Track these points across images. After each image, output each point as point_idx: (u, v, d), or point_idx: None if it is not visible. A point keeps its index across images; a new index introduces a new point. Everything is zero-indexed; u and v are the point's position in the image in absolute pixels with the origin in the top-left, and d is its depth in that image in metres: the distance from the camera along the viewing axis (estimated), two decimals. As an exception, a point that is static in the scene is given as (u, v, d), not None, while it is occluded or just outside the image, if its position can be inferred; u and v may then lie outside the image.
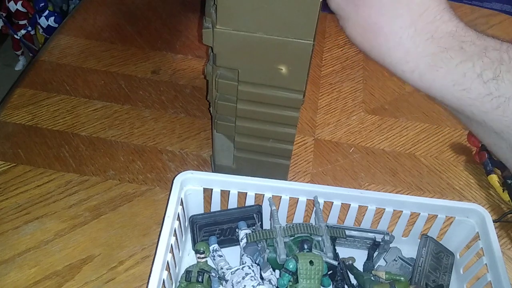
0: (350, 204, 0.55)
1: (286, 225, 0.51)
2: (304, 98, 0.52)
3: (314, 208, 0.53)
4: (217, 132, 0.58)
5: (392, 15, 0.37)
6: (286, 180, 0.62)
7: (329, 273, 0.51)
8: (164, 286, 0.47)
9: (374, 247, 0.56)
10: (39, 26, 1.59)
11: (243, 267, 0.50)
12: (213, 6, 0.47)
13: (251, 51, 0.48)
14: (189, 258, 0.56)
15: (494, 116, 0.36)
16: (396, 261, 0.55)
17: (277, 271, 0.51)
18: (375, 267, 0.55)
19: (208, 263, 0.53)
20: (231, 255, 0.54)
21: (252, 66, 0.49)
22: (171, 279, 0.49)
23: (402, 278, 0.51)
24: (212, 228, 0.55)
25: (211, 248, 0.54)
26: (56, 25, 1.52)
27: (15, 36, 1.62)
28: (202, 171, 0.59)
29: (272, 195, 0.55)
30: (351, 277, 0.53)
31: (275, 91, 0.51)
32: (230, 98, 0.53)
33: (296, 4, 0.44)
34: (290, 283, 0.47)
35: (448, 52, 0.35)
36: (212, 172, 0.65)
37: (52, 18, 1.55)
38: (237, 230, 0.55)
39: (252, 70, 0.50)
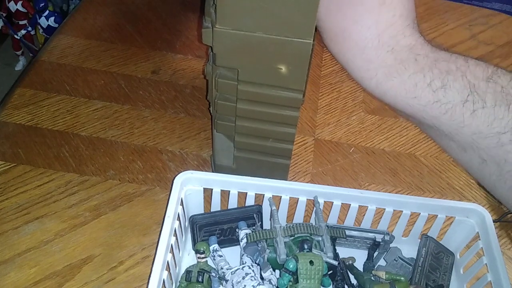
0: (350, 204, 0.55)
1: (286, 225, 0.51)
2: (304, 98, 0.52)
3: (314, 208, 0.53)
4: (217, 132, 0.58)
5: (361, 25, 0.40)
6: (286, 180, 0.62)
7: (329, 273, 0.51)
8: (164, 286, 0.47)
9: (374, 247, 0.56)
10: (39, 26, 1.59)
11: (243, 267, 0.50)
12: (213, 6, 0.47)
13: (251, 50, 0.48)
14: (189, 258, 0.56)
15: (443, 120, 0.40)
16: (396, 261, 0.55)
17: (277, 271, 0.51)
18: (375, 267, 0.55)
19: (208, 263, 0.53)
20: (231, 255, 0.54)
21: (251, 65, 0.49)
22: (171, 279, 0.49)
23: (402, 278, 0.51)
24: (212, 228, 0.55)
25: (211, 248, 0.54)
26: (56, 25, 1.52)
27: (15, 36, 1.62)
28: (202, 171, 0.59)
29: (272, 195, 0.55)
30: (351, 277, 0.53)
31: (275, 90, 0.51)
32: (230, 98, 0.53)
33: (296, 3, 0.44)
34: (290, 283, 0.47)
35: (403, 63, 0.39)
36: (212, 172, 0.65)
37: (52, 18, 1.55)
38: (237, 230, 0.55)
39: (252, 70, 0.50)
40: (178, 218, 0.52)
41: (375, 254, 0.56)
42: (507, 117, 0.38)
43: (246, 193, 0.55)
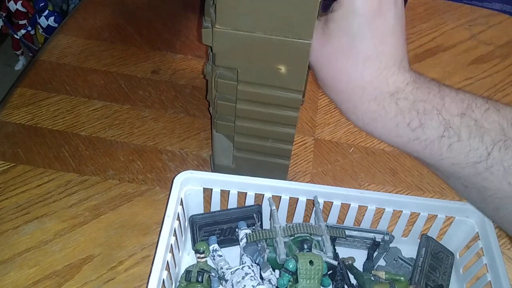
0: (350, 204, 0.55)
1: (286, 225, 0.51)
2: (304, 98, 0.52)
3: (314, 208, 0.53)
4: (217, 132, 0.58)
5: (348, 77, 0.45)
6: (285, 180, 0.62)
7: (329, 273, 0.51)
8: (164, 286, 0.47)
9: (374, 247, 0.56)
10: (39, 26, 1.59)
11: (243, 267, 0.50)
12: (212, 6, 0.47)
13: (251, 50, 0.48)
14: (189, 258, 0.56)
15: (424, 154, 0.44)
16: (396, 261, 0.55)
17: (277, 271, 0.51)
18: (375, 267, 0.55)
19: (208, 263, 0.53)
20: (231, 255, 0.54)
21: (251, 65, 0.49)
22: (171, 279, 0.49)
23: (402, 278, 0.51)
24: (212, 228, 0.55)
25: (211, 248, 0.54)
26: (56, 25, 1.52)
27: (15, 36, 1.62)
28: (202, 171, 0.59)
29: (272, 195, 0.55)
30: (351, 277, 0.53)
31: (275, 91, 0.51)
32: (230, 98, 0.53)
33: (295, 3, 0.44)
34: (290, 283, 0.47)
35: (385, 108, 0.44)
36: (212, 172, 0.65)
37: (52, 18, 1.55)
38: (237, 230, 0.55)
39: (252, 70, 0.50)
40: (178, 218, 0.52)
41: (375, 254, 0.56)
42: (482, 148, 0.41)
43: (246, 193, 0.55)
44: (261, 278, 0.50)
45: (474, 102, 0.43)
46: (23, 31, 1.61)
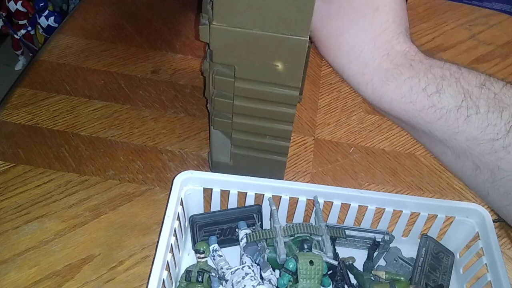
0: (350, 204, 0.55)
1: (286, 225, 0.51)
2: (301, 96, 0.52)
3: (314, 208, 0.53)
4: (214, 129, 0.58)
5: (356, 29, 0.41)
6: (283, 177, 0.62)
7: (329, 273, 0.51)
8: (164, 286, 0.47)
9: (374, 247, 0.56)
10: (39, 26, 1.59)
11: (243, 267, 0.50)
12: (210, 3, 0.47)
13: (248, 47, 0.48)
14: (189, 258, 0.56)
15: (437, 126, 0.40)
16: (396, 261, 0.55)
17: (277, 271, 0.51)
18: (375, 267, 0.55)
19: (208, 263, 0.53)
20: (231, 255, 0.54)
21: (248, 62, 0.50)
22: (171, 279, 0.49)
23: (402, 278, 0.51)
24: (212, 228, 0.55)
25: (211, 248, 0.54)
26: (56, 25, 1.52)
27: (15, 36, 1.62)
28: (202, 171, 0.59)
29: (272, 195, 0.55)
30: (351, 277, 0.53)
31: (272, 87, 0.51)
32: (227, 95, 0.53)
33: (292, 1, 0.44)
34: (290, 283, 0.47)
35: (399, 68, 0.40)
36: (210, 168, 0.65)
37: (52, 18, 1.55)
38: (237, 230, 0.55)
39: (249, 67, 0.50)
40: (178, 218, 0.52)
41: (375, 254, 0.56)
42: (500, 124, 0.38)
43: (246, 193, 0.55)
44: (261, 278, 0.50)
45: (490, 78, 0.40)
46: (23, 31, 1.61)
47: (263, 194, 0.55)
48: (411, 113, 0.42)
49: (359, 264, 0.55)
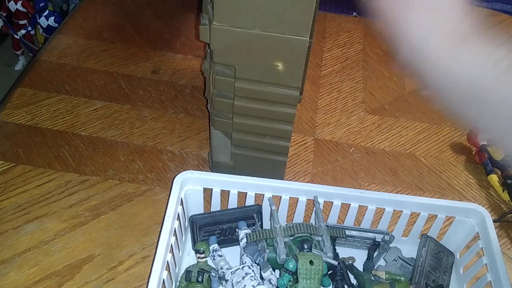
0: (350, 204, 0.55)
1: (286, 225, 0.51)
2: (302, 96, 0.52)
3: (314, 208, 0.53)
4: (215, 129, 0.58)
5: None
6: (283, 177, 0.62)
7: (329, 273, 0.51)
8: (164, 286, 0.47)
9: (374, 247, 0.56)
10: (39, 26, 1.59)
11: (243, 267, 0.50)
12: (210, 3, 0.47)
13: (248, 47, 0.48)
14: (189, 258, 0.56)
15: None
16: (396, 261, 0.55)
17: (277, 271, 0.51)
18: (375, 267, 0.55)
19: (208, 263, 0.53)
20: (231, 255, 0.54)
21: (248, 62, 0.50)
22: (171, 279, 0.49)
23: (402, 278, 0.51)
24: (212, 228, 0.55)
25: (211, 248, 0.54)
26: (56, 25, 1.52)
27: (15, 36, 1.62)
28: (202, 171, 0.59)
29: (272, 195, 0.55)
30: (351, 277, 0.53)
31: (272, 87, 0.51)
32: (227, 95, 0.53)
33: (292, 1, 0.44)
34: (290, 283, 0.47)
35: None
36: (210, 168, 0.65)
37: (52, 18, 1.55)
38: (237, 230, 0.55)
39: (249, 67, 0.50)
40: (178, 218, 0.52)
41: (375, 254, 0.56)
42: None
43: (246, 193, 0.55)
44: (261, 278, 0.50)
45: None
46: (23, 31, 1.61)
47: (263, 194, 0.55)
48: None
49: (359, 264, 0.55)
